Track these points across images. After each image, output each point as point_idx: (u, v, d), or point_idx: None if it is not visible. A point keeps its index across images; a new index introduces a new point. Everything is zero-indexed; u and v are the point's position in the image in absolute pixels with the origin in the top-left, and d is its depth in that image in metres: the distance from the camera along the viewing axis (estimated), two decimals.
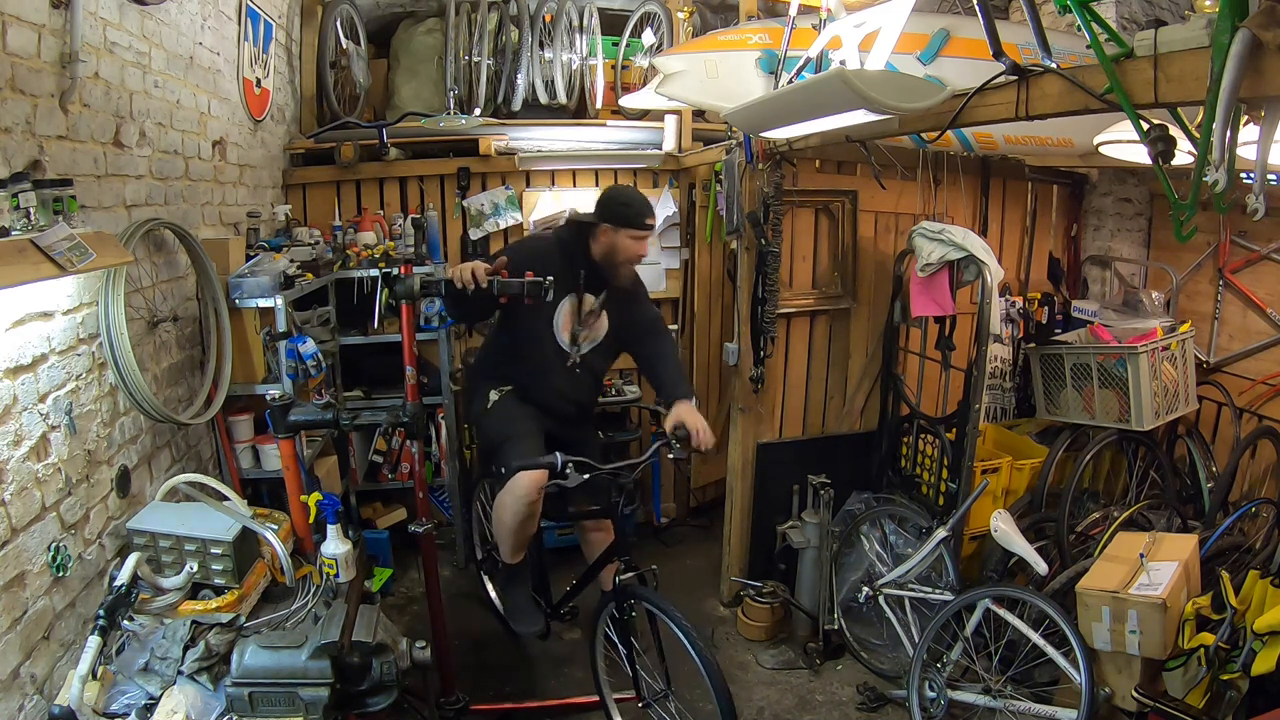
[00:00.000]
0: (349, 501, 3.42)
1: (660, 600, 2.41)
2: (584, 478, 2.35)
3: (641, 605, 2.44)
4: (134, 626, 1.82)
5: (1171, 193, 1.51)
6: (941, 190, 3.51)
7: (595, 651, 2.62)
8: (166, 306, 2.38)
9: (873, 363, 3.53)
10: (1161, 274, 3.72)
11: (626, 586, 2.40)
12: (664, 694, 2.47)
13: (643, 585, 2.44)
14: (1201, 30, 1.29)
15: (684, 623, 2.29)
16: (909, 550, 3.00)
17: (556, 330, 2.69)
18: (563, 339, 2.70)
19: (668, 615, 2.34)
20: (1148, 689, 2.27)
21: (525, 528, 2.58)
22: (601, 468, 2.40)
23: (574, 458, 2.33)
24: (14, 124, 1.67)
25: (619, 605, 2.43)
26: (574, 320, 2.69)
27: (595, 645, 2.61)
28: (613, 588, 2.43)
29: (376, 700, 1.78)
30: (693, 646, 2.26)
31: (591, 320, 2.71)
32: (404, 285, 2.36)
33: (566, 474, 2.31)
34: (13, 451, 1.62)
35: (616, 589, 2.41)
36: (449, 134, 3.90)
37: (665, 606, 2.36)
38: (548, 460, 2.32)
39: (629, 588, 2.41)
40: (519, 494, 2.45)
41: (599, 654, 2.61)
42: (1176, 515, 3.09)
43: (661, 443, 2.53)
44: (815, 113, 2.05)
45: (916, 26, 2.66)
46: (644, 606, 2.44)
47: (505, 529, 2.61)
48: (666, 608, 2.36)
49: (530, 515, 2.52)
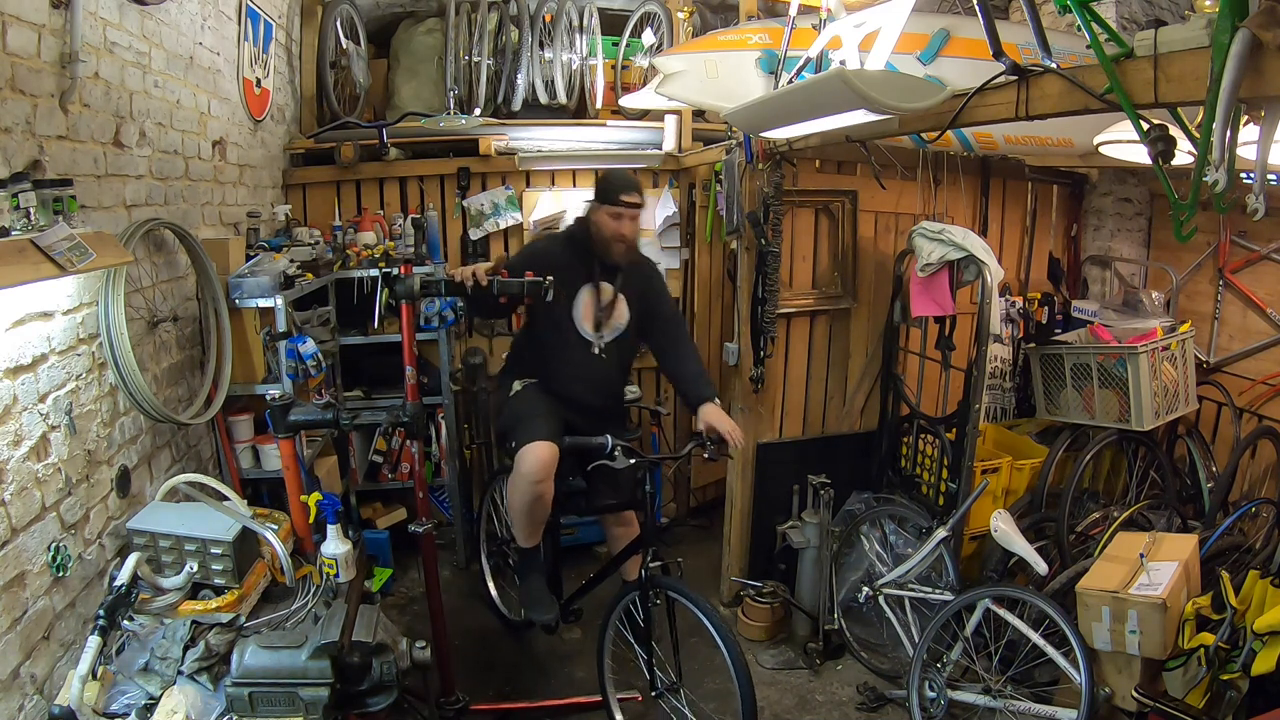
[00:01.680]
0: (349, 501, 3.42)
1: (687, 589, 2.46)
2: (630, 461, 2.42)
3: (664, 596, 2.48)
4: (134, 626, 1.82)
5: (1171, 193, 1.51)
6: (941, 190, 3.50)
7: (603, 646, 2.62)
8: (166, 306, 2.38)
9: (873, 363, 3.53)
10: (1161, 274, 3.72)
11: (654, 576, 2.45)
12: (675, 685, 2.51)
13: (668, 575, 2.48)
14: (1201, 30, 1.29)
15: (712, 611, 2.37)
16: (909, 550, 2.99)
17: (578, 320, 2.71)
18: (584, 328, 2.71)
19: (695, 604, 2.39)
20: (1148, 689, 2.27)
21: (535, 510, 2.57)
22: (645, 455, 2.46)
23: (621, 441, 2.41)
24: (14, 124, 1.67)
25: (644, 595, 2.46)
26: (594, 309, 2.71)
27: (604, 639, 2.62)
28: (638, 578, 2.46)
29: (376, 700, 1.78)
30: (719, 632, 2.32)
31: (611, 308, 2.72)
32: (404, 285, 2.36)
33: (615, 455, 2.38)
34: (13, 451, 1.62)
35: (642, 579, 2.45)
36: (449, 134, 3.90)
37: (693, 596, 2.42)
38: (598, 441, 2.41)
39: (656, 578, 2.45)
40: (525, 472, 2.44)
41: (607, 650, 2.62)
42: (1176, 515, 3.09)
43: (696, 443, 2.56)
44: (815, 113, 2.05)
45: (916, 26, 2.66)
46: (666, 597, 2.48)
47: (516, 511, 2.63)
48: (695, 597, 2.42)
49: (538, 498, 2.51)
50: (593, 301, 2.70)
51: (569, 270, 2.65)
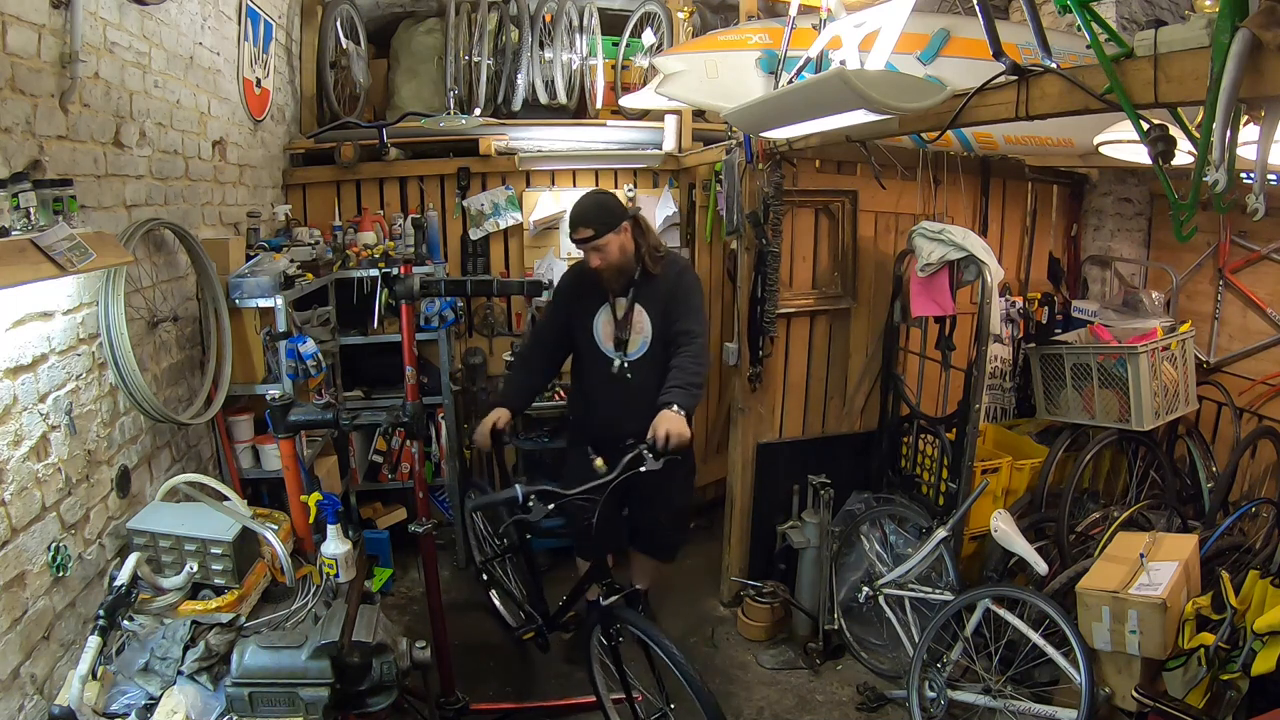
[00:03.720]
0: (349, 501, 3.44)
1: (647, 626, 2.29)
2: (547, 508, 2.17)
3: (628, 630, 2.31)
4: (134, 626, 1.82)
5: (1171, 193, 1.51)
6: (941, 190, 3.50)
7: (590, 659, 2.58)
8: (166, 306, 2.38)
9: (873, 363, 3.53)
10: (1161, 274, 3.72)
11: (611, 609, 2.30)
12: (660, 713, 2.36)
13: (630, 608, 2.33)
14: (1201, 30, 1.29)
15: (674, 652, 2.16)
16: (909, 550, 2.99)
17: (600, 341, 2.73)
18: (606, 348, 2.72)
19: (655, 643, 2.21)
20: (1148, 689, 2.27)
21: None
22: (566, 493, 2.22)
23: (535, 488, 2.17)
24: (14, 124, 1.67)
25: (605, 630, 2.33)
26: (613, 327, 2.70)
27: (590, 655, 2.57)
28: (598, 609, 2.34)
29: (376, 700, 1.78)
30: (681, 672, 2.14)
31: (629, 324, 2.68)
32: (404, 285, 2.36)
33: (529, 507, 2.15)
34: (13, 451, 1.62)
35: (601, 611, 2.32)
36: (449, 134, 3.90)
37: (652, 633, 2.24)
38: (506, 495, 2.17)
39: (614, 610, 2.30)
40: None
41: (594, 659, 2.58)
42: (1176, 515, 3.09)
43: (631, 455, 2.26)
44: (815, 113, 2.05)
45: (916, 26, 2.66)
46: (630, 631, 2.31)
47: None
48: (653, 634, 2.23)
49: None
50: (611, 320, 2.71)
51: (587, 297, 2.68)
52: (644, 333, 2.70)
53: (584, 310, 2.76)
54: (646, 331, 2.70)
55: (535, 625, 2.87)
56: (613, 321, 2.71)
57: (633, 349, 2.70)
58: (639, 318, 2.70)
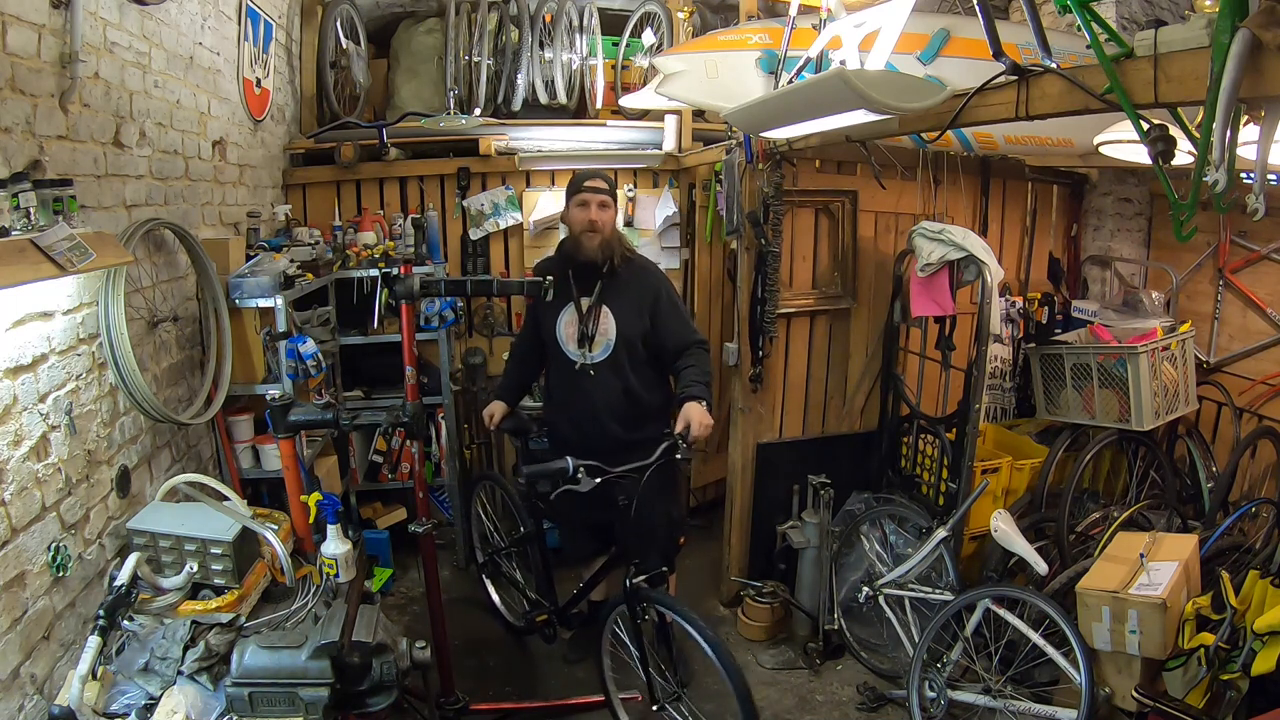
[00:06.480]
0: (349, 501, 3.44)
1: (675, 603, 2.38)
2: (595, 481, 2.31)
3: (654, 609, 2.40)
4: (134, 626, 1.82)
5: (1171, 193, 1.51)
6: (941, 190, 3.50)
7: (602, 650, 2.60)
8: (166, 306, 2.38)
9: (873, 363, 3.53)
10: (1161, 274, 3.72)
11: (639, 589, 2.37)
12: (675, 695, 2.45)
13: (655, 588, 2.40)
14: (1201, 30, 1.29)
15: (705, 629, 2.27)
16: (909, 550, 2.99)
17: (563, 341, 2.71)
18: (569, 349, 2.71)
19: (686, 620, 2.30)
20: (1148, 689, 2.27)
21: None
22: (611, 470, 2.34)
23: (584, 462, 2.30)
24: (14, 124, 1.67)
25: (631, 609, 2.40)
26: (577, 325, 2.69)
27: (602, 644, 2.59)
28: (624, 589, 2.40)
29: (376, 700, 1.78)
30: (714, 651, 2.23)
31: (593, 322, 2.68)
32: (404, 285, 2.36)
33: (578, 478, 2.28)
34: (13, 451, 1.62)
35: (628, 591, 2.38)
36: (449, 134, 3.90)
37: (683, 610, 2.33)
38: (558, 465, 2.29)
39: (641, 590, 2.38)
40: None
41: (605, 652, 2.60)
42: (1176, 515, 3.09)
43: (668, 443, 2.44)
44: (815, 113, 2.05)
45: (916, 26, 2.66)
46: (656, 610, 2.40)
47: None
48: (684, 611, 2.32)
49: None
50: (574, 320, 2.70)
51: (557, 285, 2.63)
52: (608, 335, 2.68)
53: (549, 308, 2.74)
54: (611, 334, 2.68)
55: (547, 609, 2.88)
56: (575, 321, 2.70)
57: (596, 349, 2.69)
58: (604, 319, 2.69)
